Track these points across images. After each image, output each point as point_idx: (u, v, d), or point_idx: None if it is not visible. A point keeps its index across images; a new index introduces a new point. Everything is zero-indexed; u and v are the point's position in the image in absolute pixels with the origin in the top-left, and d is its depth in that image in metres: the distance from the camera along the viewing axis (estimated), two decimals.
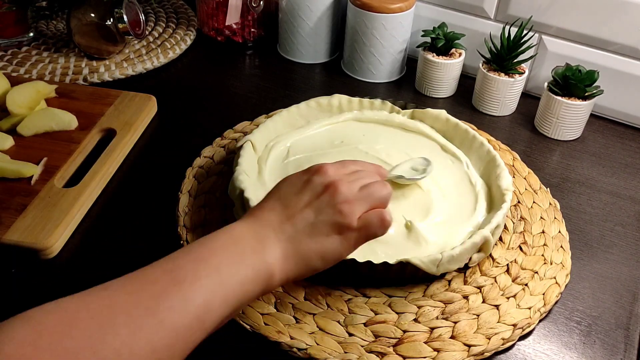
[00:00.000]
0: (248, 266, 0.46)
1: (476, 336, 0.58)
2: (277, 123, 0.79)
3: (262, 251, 0.47)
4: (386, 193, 0.53)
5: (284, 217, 0.50)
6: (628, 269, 0.68)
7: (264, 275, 0.47)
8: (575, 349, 0.59)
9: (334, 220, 0.50)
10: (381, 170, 0.58)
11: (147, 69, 0.97)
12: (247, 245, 0.47)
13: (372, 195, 0.52)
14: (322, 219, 0.50)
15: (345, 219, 0.50)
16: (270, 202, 0.52)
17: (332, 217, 0.50)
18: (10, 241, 0.63)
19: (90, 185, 0.71)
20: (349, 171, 0.54)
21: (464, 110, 0.94)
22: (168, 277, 0.42)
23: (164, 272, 0.43)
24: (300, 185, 0.52)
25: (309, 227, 0.50)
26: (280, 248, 0.48)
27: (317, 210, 0.50)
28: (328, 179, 0.52)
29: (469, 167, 0.76)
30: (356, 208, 0.51)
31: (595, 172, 0.83)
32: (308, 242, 0.49)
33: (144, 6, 1.12)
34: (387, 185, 0.54)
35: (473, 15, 0.97)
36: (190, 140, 0.83)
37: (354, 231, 0.50)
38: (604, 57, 0.89)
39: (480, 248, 0.64)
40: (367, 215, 0.51)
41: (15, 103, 0.78)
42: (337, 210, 0.50)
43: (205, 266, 0.44)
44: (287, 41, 1.03)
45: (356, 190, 0.52)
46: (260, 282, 0.47)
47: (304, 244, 0.49)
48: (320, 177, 0.52)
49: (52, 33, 1.05)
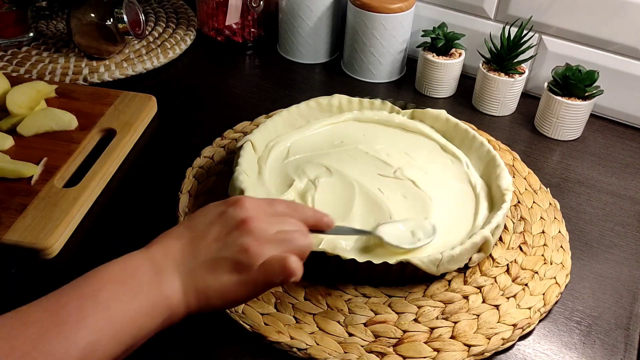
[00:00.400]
0: (142, 300, 0.43)
1: (476, 336, 0.58)
2: (277, 123, 0.79)
3: (158, 284, 0.44)
4: (305, 243, 0.48)
5: (189, 248, 0.47)
6: (628, 269, 0.68)
7: (162, 309, 0.44)
8: (575, 349, 0.59)
9: (236, 258, 0.46)
10: (324, 219, 0.53)
11: (147, 69, 0.97)
12: (142, 277, 0.44)
13: (287, 242, 0.48)
14: (225, 255, 0.46)
15: (248, 258, 0.46)
16: (180, 229, 0.49)
17: (236, 254, 0.46)
18: (10, 241, 0.63)
19: (90, 185, 0.71)
20: (272, 211, 0.50)
21: (464, 110, 0.94)
22: (49, 318, 0.39)
23: (45, 311, 0.40)
24: (215, 215, 0.49)
25: (211, 261, 0.46)
26: (178, 280, 0.45)
27: (222, 245, 0.47)
28: (243, 214, 0.48)
29: (469, 167, 0.76)
30: (265, 250, 0.46)
31: (595, 172, 0.83)
32: (207, 277, 0.46)
33: (144, 6, 1.12)
34: (308, 236, 0.50)
35: (473, 15, 0.97)
36: (190, 140, 0.83)
37: (253, 274, 0.46)
38: (604, 57, 0.89)
39: (480, 248, 0.64)
40: (270, 259, 0.46)
41: (15, 103, 0.78)
42: (243, 248, 0.46)
43: (92, 302, 0.41)
44: (287, 41, 1.03)
45: (272, 231, 0.48)
46: (158, 316, 0.44)
47: (203, 279, 0.46)
48: (236, 210, 0.48)
49: (52, 33, 1.05)
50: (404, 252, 0.62)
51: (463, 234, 0.67)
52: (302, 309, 0.60)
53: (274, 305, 0.60)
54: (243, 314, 0.59)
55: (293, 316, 0.59)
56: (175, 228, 0.49)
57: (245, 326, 0.58)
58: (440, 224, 0.68)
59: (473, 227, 0.68)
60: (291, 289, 0.62)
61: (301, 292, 0.61)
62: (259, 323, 0.58)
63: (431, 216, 0.68)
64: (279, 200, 0.53)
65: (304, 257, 0.48)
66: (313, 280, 0.62)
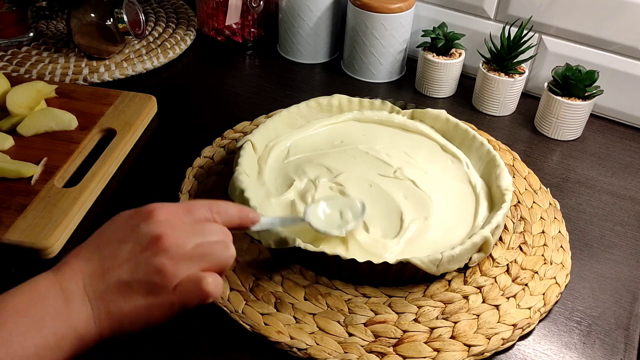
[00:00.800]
0: (48, 333, 0.40)
1: (476, 336, 0.58)
2: (277, 123, 0.79)
3: (67, 313, 0.42)
4: (227, 256, 0.45)
5: (99, 270, 0.43)
6: (628, 269, 0.68)
7: (70, 340, 0.42)
8: (575, 349, 0.59)
9: (150, 280, 0.43)
10: (250, 215, 0.50)
11: (147, 69, 0.97)
12: (49, 306, 0.41)
13: (207, 257, 0.44)
14: (138, 277, 0.43)
15: (162, 280, 0.43)
16: (89, 248, 0.45)
17: (149, 276, 0.43)
18: (10, 241, 0.63)
19: (90, 185, 0.71)
20: (190, 220, 0.46)
21: (464, 110, 0.94)
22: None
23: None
24: (126, 231, 0.45)
25: (124, 285, 0.43)
26: (89, 307, 0.42)
27: (135, 268, 0.43)
28: (157, 229, 0.44)
29: (469, 167, 0.76)
30: (181, 268, 0.43)
31: (595, 172, 0.83)
32: (120, 302, 0.43)
33: (144, 6, 1.12)
34: (230, 246, 0.46)
35: (473, 15, 0.97)
36: (190, 140, 0.83)
37: (169, 296, 0.43)
38: (604, 57, 0.89)
39: (480, 248, 0.64)
40: (185, 279, 0.43)
41: (15, 103, 0.78)
42: (157, 269, 0.43)
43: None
44: (287, 41, 1.03)
45: (189, 246, 0.44)
46: (66, 347, 0.41)
47: (115, 304, 0.43)
48: (149, 225, 0.44)
49: (52, 33, 1.05)
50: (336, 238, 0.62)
51: (463, 234, 0.67)
52: (302, 309, 0.60)
53: (274, 305, 0.60)
54: (243, 314, 0.59)
55: (293, 316, 0.59)
56: (85, 246, 0.45)
57: (245, 326, 0.58)
58: (440, 224, 0.68)
59: (473, 227, 0.68)
60: (291, 289, 0.62)
61: (301, 292, 0.61)
62: (259, 323, 0.58)
63: (431, 216, 0.68)
64: (198, 204, 0.48)
65: (225, 270, 0.46)
66: (313, 280, 0.62)
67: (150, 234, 0.44)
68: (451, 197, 0.71)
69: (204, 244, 0.45)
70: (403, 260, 0.59)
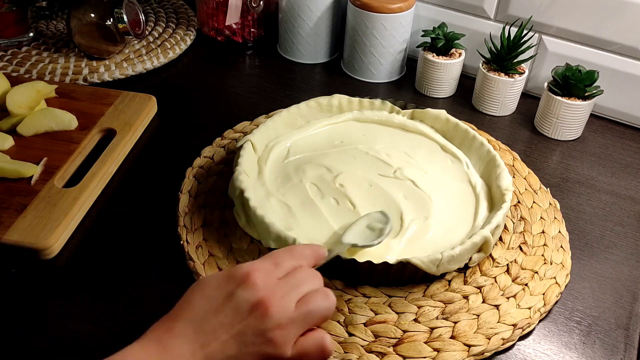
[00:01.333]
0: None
1: (476, 336, 0.58)
2: (277, 123, 0.79)
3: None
4: (328, 306, 0.44)
5: (198, 346, 0.40)
6: (628, 269, 0.68)
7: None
8: (575, 349, 0.59)
9: (262, 352, 0.41)
10: (320, 252, 0.49)
11: (147, 69, 0.97)
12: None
13: (311, 314, 0.43)
14: (248, 350, 0.41)
15: (277, 350, 0.41)
16: (182, 323, 0.41)
17: (261, 347, 0.41)
18: (10, 241, 0.63)
19: (90, 185, 0.71)
20: (282, 273, 0.45)
21: (464, 110, 0.94)
22: None
23: None
24: (221, 300, 0.42)
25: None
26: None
27: (241, 340, 0.40)
28: (256, 295, 0.41)
29: (469, 167, 0.76)
30: (291, 333, 0.42)
31: (595, 172, 0.83)
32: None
33: (144, 6, 1.12)
34: (329, 295, 0.45)
35: (473, 15, 0.97)
36: (190, 140, 0.83)
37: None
38: (604, 57, 0.89)
39: (480, 248, 0.64)
40: (304, 341, 0.42)
41: (15, 103, 0.78)
42: (267, 339, 0.41)
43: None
44: (287, 41, 1.03)
45: (292, 307, 0.42)
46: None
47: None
48: (247, 291, 0.42)
49: (52, 33, 1.05)
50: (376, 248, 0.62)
51: (463, 234, 0.67)
52: None
53: None
54: None
55: None
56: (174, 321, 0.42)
57: None
58: (440, 224, 0.68)
59: (473, 227, 0.68)
60: None
61: None
62: None
63: (431, 216, 0.68)
64: (280, 254, 0.46)
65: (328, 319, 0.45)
66: None
67: (251, 301, 0.41)
68: (451, 197, 0.71)
69: (306, 301, 0.43)
70: (403, 260, 0.59)
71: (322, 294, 0.44)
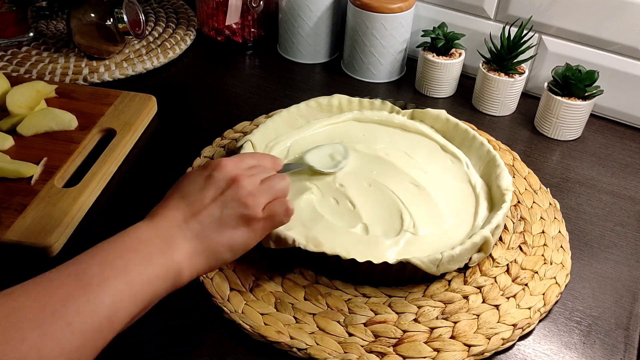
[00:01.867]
0: (156, 265, 0.47)
1: (476, 336, 0.58)
2: (277, 123, 0.79)
3: (169, 251, 0.48)
4: (285, 184, 0.56)
5: (189, 214, 0.51)
6: (628, 269, 0.68)
7: (173, 273, 0.48)
8: (575, 349, 0.59)
9: (240, 213, 0.52)
10: (277, 162, 0.60)
11: (147, 69, 0.97)
12: (154, 245, 0.48)
13: (273, 188, 0.55)
14: (229, 212, 0.51)
15: (251, 211, 0.52)
16: (174, 200, 0.52)
17: (238, 210, 0.52)
18: (11, 241, 0.63)
19: (90, 185, 0.71)
20: (246, 165, 0.56)
21: (464, 110, 0.94)
22: (74, 281, 0.42)
23: (69, 275, 0.43)
24: (202, 181, 0.53)
25: (216, 221, 0.51)
26: (188, 246, 0.50)
27: (222, 205, 0.52)
28: (229, 174, 0.53)
29: (469, 167, 0.76)
30: (260, 200, 0.53)
31: (595, 172, 0.83)
32: (216, 236, 0.51)
33: (144, 6, 1.12)
34: (285, 177, 0.57)
35: (473, 15, 0.97)
36: (190, 140, 0.83)
37: (260, 221, 0.53)
38: (604, 57, 0.89)
39: (480, 248, 0.64)
40: (272, 205, 0.54)
41: (15, 103, 0.78)
42: (242, 203, 0.52)
43: (111, 268, 0.44)
44: (287, 41, 1.03)
45: (257, 183, 0.54)
46: (169, 280, 0.48)
47: (212, 238, 0.51)
48: (221, 172, 0.53)
49: (52, 33, 1.05)
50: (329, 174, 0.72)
51: (463, 234, 0.67)
52: (302, 309, 0.60)
53: (274, 305, 0.60)
54: (243, 314, 0.59)
55: (293, 316, 0.59)
56: (169, 199, 0.52)
57: (245, 326, 0.58)
58: (440, 223, 0.68)
59: (473, 227, 0.68)
60: (291, 289, 0.62)
61: (301, 292, 0.61)
62: (259, 323, 0.58)
63: (431, 216, 0.68)
64: (244, 155, 0.58)
65: (286, 195, 0.56)
66: (313, 280, 0.62)
67: (226, 178, 0.53)
68: (451, 197, 0.71)
69: (267, 179, 0.55)
70: (403, 260, 0.59)
71: (279, 177, 0.56)
